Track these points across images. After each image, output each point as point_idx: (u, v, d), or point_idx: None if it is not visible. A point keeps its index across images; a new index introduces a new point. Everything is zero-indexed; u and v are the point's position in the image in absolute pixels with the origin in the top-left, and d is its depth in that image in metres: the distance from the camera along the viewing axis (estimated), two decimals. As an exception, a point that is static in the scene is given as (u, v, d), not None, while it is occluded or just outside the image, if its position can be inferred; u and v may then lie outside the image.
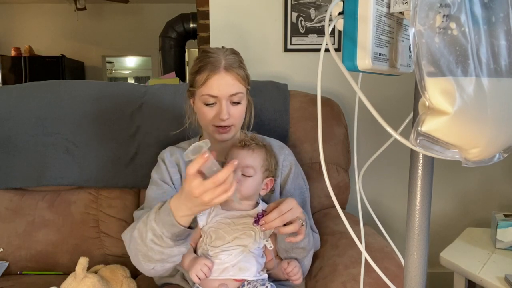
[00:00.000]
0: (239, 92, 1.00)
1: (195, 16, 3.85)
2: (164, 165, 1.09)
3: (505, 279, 1.19)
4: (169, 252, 0.87)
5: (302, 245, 0.96)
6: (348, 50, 0.47)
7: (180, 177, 1.09)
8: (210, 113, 1.00)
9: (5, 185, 1.36)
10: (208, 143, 0.77)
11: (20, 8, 5.75)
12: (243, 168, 0.95)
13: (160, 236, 0.84)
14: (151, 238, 0.85)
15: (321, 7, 1.67)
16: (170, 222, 0.82)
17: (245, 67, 1.03)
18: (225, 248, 0.95)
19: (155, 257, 0.87)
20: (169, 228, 0.83)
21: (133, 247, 0.91)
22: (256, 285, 0.93)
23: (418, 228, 0.51)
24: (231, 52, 1.03)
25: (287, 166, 1.11)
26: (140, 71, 8.12)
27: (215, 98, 0.98)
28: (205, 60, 0.99)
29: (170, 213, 0.82)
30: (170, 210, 0.83)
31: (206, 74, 0.97)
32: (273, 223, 0.85)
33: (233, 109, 1.01)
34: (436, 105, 0.39)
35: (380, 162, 1.54)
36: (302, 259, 1.01)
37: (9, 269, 1.29)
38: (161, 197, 1.04)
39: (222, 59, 0.98)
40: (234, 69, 0.99)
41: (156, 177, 1.08)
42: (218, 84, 0.97)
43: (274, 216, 0.85)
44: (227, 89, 0.98)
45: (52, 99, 1.38)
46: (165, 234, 0.84)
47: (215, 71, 0.97)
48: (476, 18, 0.40)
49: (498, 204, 1.83)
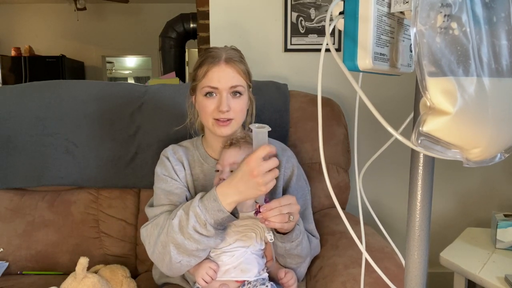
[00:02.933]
0: (239, 85, 1.01)
1: (195, 16, 3.85)
2: (169, 162, 1.08)
3: (505, 279, 1.19)
4: (206, 243, 0.89)
5: (296, 252, 0.97)
6: (349, 50, 0.46)
7: (185, 174, 1.08)
8: (211, 105, 1.00)
9: (5, 185, 1.36)
10: (268, 127, 0.87)
11: (20, 8, 5.75)
12: (231, 165, 0.96)
13: (204, 223, 0.87)
14: (193, 225, 0.87)
15: (321, 7, 1.67)
16: (217, 207, 0.86)
17: (246, 63, 1.05)
18: (227, 250, 0.95)
19: (191, 247, 0.89)
20: (214, 214, 0.87)
21: (165, 239, 0.91)
22: (257, 285, 0.94)
23: (419, 228, 0.51)
24: (232, 48, 1.05)
25: (289, 168, 1.11)
26: (140, 71, 8.12)
27: (215, 89, 0.99)
28: (206, 55, 1.02)
29: (217, 199, 0.87)
30: (217, 197, 0.87)
31: (207, 66, 0.99)
32: (271, 212, 0.86)
33: (234, 102, 1.01)
34: (437, 105, 0.39)
35: (380, 162, 1.54)
36: (298, 265, 1.02)
37: (9, 269, 1.29)
38: (170, 191, 1.03)
39: (223, 53, 1.00)
40: (235, 62, 1.00)
41: (162, 174, 1.07)
42: (218, 76, 0.98)
43: (274, 205, 0.87)
44: (227, 80, 0.99)
45: (52, 99, 1.38)
46: (208, 220, 0.87)
47: (215, 63, 0.99)
48: (477, 18, 0.40)
49: (498, 204, 1.83)
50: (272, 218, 0.87)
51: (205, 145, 1.12)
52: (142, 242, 1.00)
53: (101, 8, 5.77)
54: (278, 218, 0.87)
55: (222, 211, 0.86)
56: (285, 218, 0.88)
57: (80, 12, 5.38)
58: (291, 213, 0.88)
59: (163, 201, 1.02)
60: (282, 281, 0.98)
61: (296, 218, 0.91)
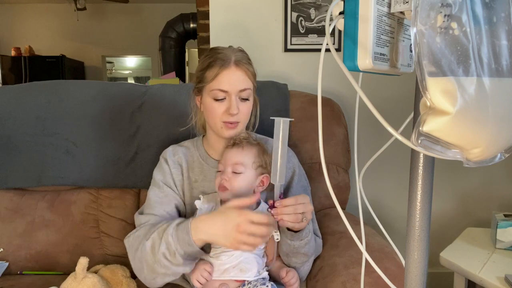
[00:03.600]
0: (248, 88, 1.01)
1: (195, 16, 3.85)
2: (167, 166, 1.09)
3: (505, 279, 1.19)
4: (175, 270, 0.90)
5: (303, 251, 0.97)
6: (349, 50, 0.46)
7: (182, 178, 1.09)
8: (220, 108, 1.00)
9: (5, 185, 1.36)
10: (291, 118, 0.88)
11: (20, 8, 5.75)
12: (233, 165, 0.97)
13: (173, 252, 0.87)
14: (163, 251, 0.88)
15: (321, 7, 1.67)
16: (187, 241, 0.86)
17: (252, 65, 1.05)
18: (226, 249, 0.95)
19: (160, 270, 0.90)
20: (184, 247, 0.87)
21: (140, 256, 0.93)
22: (257, 285, 0.94)
23: (419, 228, 0.51)
24: (239, 49, 1.05)
25: (290, 169, 1.11)
26: (140, 71, 8.12)
27: (225, 93, 0.99)
28: (215, 56, 1.00)
29: (189, 232, 0.87)
30: (190, 229, 0.87)
31: (217, 69, 0.98)
32: (286, 209, 0.86)
33: (242, 105, 1.01)
34: (437, 105, 0.39)
35: (380, 162, 1.55)
36: (302, 264, 1.02)
37: (9, 269, 1.29)
38: (162, 201, 1.04)
39: (232, 55, 1.00)
40: (244, 64, 1.00)
41: (159, 179, 1.08)
42: (228, 79, 0.98)
43: (290, 202, 0.87)
44: (237, 84, 0.99)
45: (52, 99, 1.38)
46: (178, 251, 0.87)
47: (226, 66, 0.98)
48: (478, 18, 0.40)
49: (498, 204, 1.83)
50: (285, 217, 0.87)
51: (205, 146, 1.12)
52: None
53: (101, 8, 5.77)
54: (291, 218, 0.87)
55: (192, 246, 0.87)
56: (299, 218, 0.88)
57: (80, 12, 5.38)
58: (304, 213, 0.89)
59: (153, 210, 1.03)
60: (284, 280, 0.98)
61: (309, 219, 0.91)
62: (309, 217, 0.90)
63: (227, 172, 0.97)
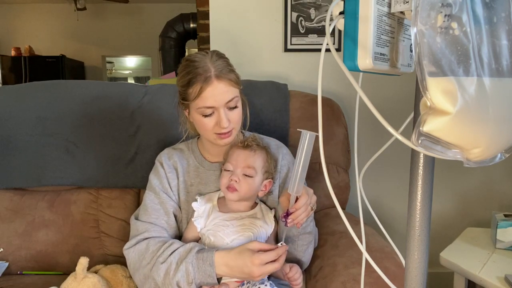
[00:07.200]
0: (234, 97, 0.98)
1: (195, 16, 3.85)
2: (163, 170, 1.09)
3: (505, 279, 1.19)
4: None
5: (309, 229, 1.01)
6: (349, 50, 0.46)
7: (177, 182, 1.09)
8: (210, 123, 0.98)
9: (5, 185, 1.36)
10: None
11: (20, 8, 5.75)
12: (245, 168, 0.96)
13: (191, 281, 0.89)
14: (179, 279, 0.90)
15: (321, 7, 1.67)
16: (209, 273, 0.89)
17: (234, 69, 1.00)
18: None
19: None
20: (204, 278, 0.89)
21: (148, 274, 0.94)
22: (256, 284, 0.93)
23: (419, 228, 0.51)
24: (218, 57, 0.98)
25: (285, 166, 1.11)
26: (140, 71, 8.12)
27: (212, 108, 0.96)
28: (194, 72, 0.95)
29: (213, 265, 0.89)
30: (213, 262, 0.89)
31: (199, 86, 0.93)
32: (299, 211, 0.88)
33: (231, 114, 0.99)
34: (437, 105, 0.39)
35: (380, 162, 1.55)
36: (307, 245, 1.03)
37: (9, 269, 1.29)
38: (159, 208, 1.05)
39: (211, 67, 0.94)
40: (225, 75, 0.95)
41: (155, 184, 1.08)
42: (213, 95, 0.94)
43: (303, 201, 0.89)
44: (222, 97, 0.95)
45: (52, 99, 1.38)
46: (195, 281, 0.89)
47: (208, 81, 0.93)
48: (478, 17, 0.40)
49: (498, 204, 1.83)
50: (299, 219, 0.89)
51: (201, 149, 1.12)
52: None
53: (101, 8, 5.77)
54: (304, 216, 0.89)
55: (213, 278, 0.90)
56: (309, 211, 0.91)
57: (80, 12, 5.38)
58: (312, 204, 0.93)
59: (150, 218, 1.03)
60: (288, 276, 0.97)
61: (315, 207, 0.95)
62: (315, 206, 0.94)
63: (238, 173, 0.97)
